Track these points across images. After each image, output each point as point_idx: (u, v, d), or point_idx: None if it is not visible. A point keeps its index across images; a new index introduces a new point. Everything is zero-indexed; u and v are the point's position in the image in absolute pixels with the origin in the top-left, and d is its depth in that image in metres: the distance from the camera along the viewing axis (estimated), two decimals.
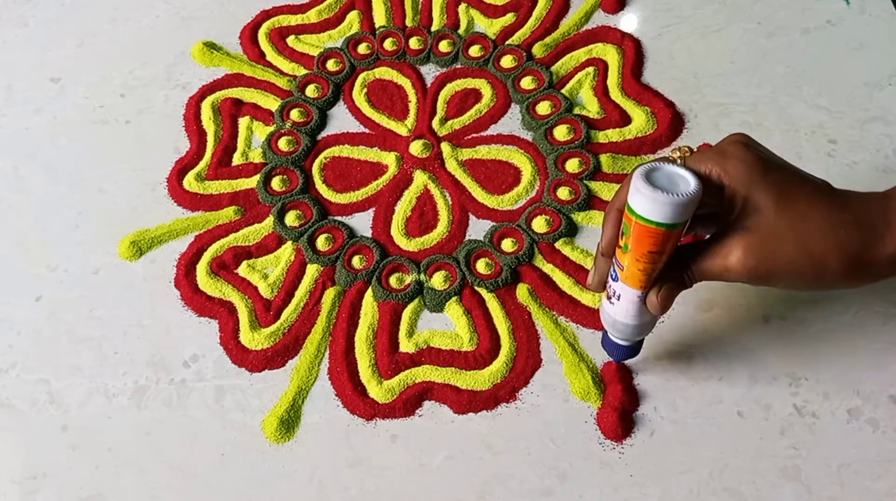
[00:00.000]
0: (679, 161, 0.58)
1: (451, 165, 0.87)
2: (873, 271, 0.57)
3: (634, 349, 0.68)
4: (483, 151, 0.88)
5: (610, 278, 0.62)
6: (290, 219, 0.83)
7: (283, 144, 0.88)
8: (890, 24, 0.95)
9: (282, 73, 0.96)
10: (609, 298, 0.63)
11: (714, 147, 0.59)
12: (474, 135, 0.90)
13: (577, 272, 0.78)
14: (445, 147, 0.88)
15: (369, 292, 0.78)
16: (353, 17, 1.01)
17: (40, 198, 0.86)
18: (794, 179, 0.57)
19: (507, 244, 0.80)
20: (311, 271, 0.80)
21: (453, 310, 0.77)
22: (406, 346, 0.75)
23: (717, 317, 0.76)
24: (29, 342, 0.77)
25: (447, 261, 0.80)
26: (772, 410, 0.71)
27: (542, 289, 0.77)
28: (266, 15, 1.02)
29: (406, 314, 0.77)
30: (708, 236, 0.60)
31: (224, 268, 0.80)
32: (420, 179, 0.86)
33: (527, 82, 0.93)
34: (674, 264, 0.60)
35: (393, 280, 0.79)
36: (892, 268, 0.57)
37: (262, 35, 1.00)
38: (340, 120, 0.92)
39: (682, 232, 0.56)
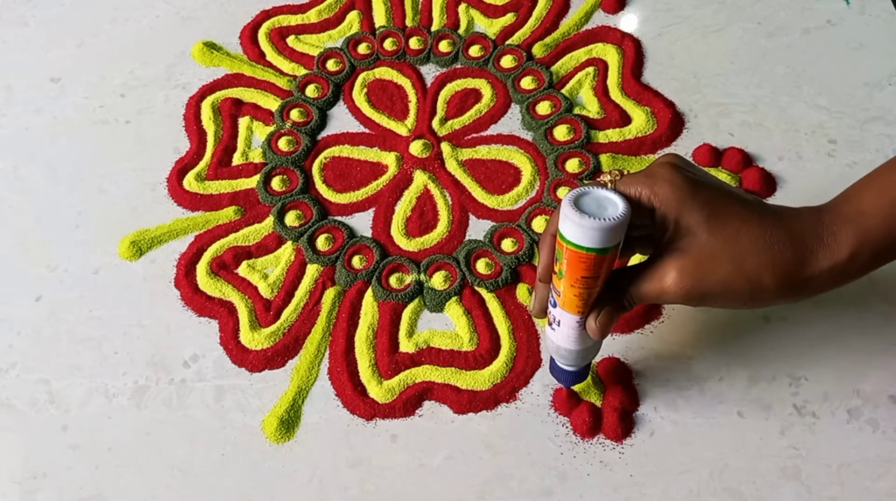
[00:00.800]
0: (610, 185, 0.57)
1: (451, 165, 0.87)
2: (809, 286, 0.57)
3: (581, 373, 0.67)
4: (483, 151, 0.88)
5: (549, 305, 0.62)
6: (290, 219, 0.83)
7: (283, 144, 0.88)
8: (890, 24, 0.95)
9: (282, 73, 0.96)
10: (550, 324, 0.62)
11: (644, 170, 0.58)
12: (474, 135, 0.90)
13: None
14: (445, 147, 0.88)
15: (369, 293, 0.78)
16: (353, 17, 1.01)
17: (40, 198, 0.86)
18: (723, 198, 0.57)
19: (507, 244, 0.80)
20: (311, 271, 0.80)
21: (453, 310, 0.77)
22: (406, 346, 0.75)
23: (717, 317, 0.75)
24: (29, 342, 0.77)
25: (447, 261, 0.80)
26: (772, 410, 0.71)
27: None
28: (266, 15, 1.02)
29: (406, 314, 0.77)
30: (647, 258, 0.60)
31: (224, 268, 0.80)
32: (420, 179, 0.86)
33: (527, 82, 0.93)
34: (612, 287, 0.60)
35: (393, 280, 0.79)
36: (827, 282, 0.57)
37: (262, 35, 1.00)
38: (340, 120, 0.92)
39: (615, 256, 0.56)
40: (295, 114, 0.91)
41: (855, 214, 0.57)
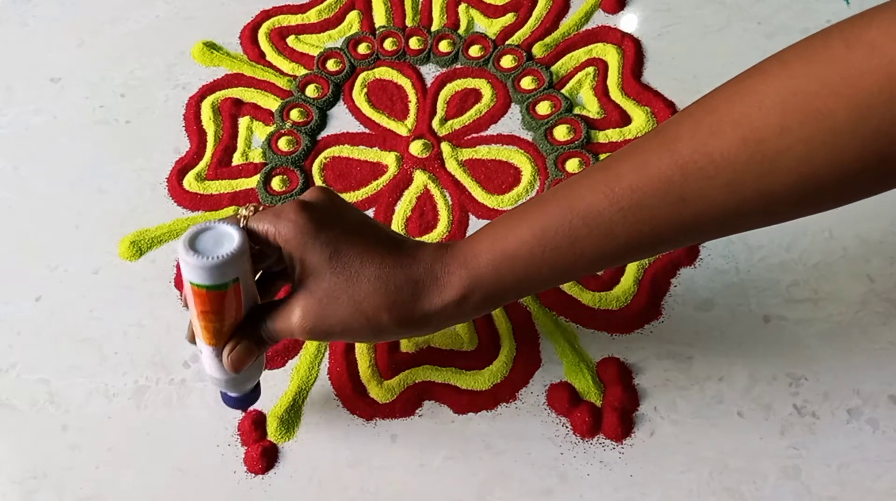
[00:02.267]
0: (242, 220, 0.58)
1: (451, 165, 0.87)
2: (427, 323, 0.59)
3: (248, 397, 0.66)
4: (483, 151, 0.88)
5: None
6: None
7: (283, 144, 0.88)
8: None
9: (282, 73, 0.96)
10: (201, 352, 0.62)
11: (273, 208, 0.59)
12: (474, 135, 0.90)
13: None
14: (445, 147, 0.88)
15: None
16: (353, 17, 1.01)
17: (40, 198, 0.86)
18: (348, 238, 0.58)
19: None
20: None
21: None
22: (406, 346, 0.75)
23: (717, 317, 0.76)
24: (29, 342, 0.77)
25: None
26: (772, 410, 0.71)
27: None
28: (266, 15, 1.02)
29: None
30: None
31: None
32: (420, 179, 0.86)
33: (527, 82, 0.93)
34: (252, 319, 0.60)
35: None
36: (443, 319, 0.60)
37: (262, 35, 1.00)
38: (340, 120, 0.92)
39: (237, 289, 0.57)
40: (295, 114, 0.91)
41: (470, 257, 0.58)
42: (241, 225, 0.57)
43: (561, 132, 0.87)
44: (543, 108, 0.90)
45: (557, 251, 0.56)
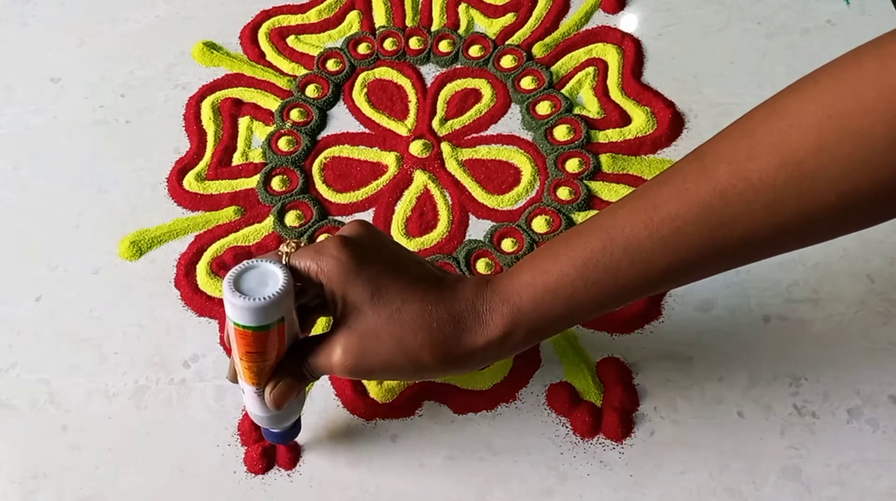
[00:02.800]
0: (284, 257, 0.58)
1: (451, 165, 0.87)
2: (468, 361, 0.59)
3: (290, 431, 0.66)
4: (483, 151, 0.88)
5: None
6: (291, 219, 0.83)
7: (283, 144, 0.88)
8: (890, 25, 0.94)
9: (282, 73, 0.96)
10: (243, 392, 0.62)
11: (316, 244, 0.59)
12: (474, 135, 0.90)
13: None
14: (445, 147, 0.88)
15: None
16: (353, 17, 1.01)
17: (40, 198, 0.86)
18: (389, 274, 0.58)
19: (507, 244, 0.80)
20: None
21: None
22: None
23: (717, 317, 0.76)
24: (29, 342, 0.77)
25: (447, 261, 0.80)
26: (772, 410, 0.71)
27: None
28: (266, 15, 1.02)
29: None
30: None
31: (224, 268, 0.80)
32: (420, 179, 0.86)
33: (527, 82, 0.93)
34: (294, 356, 0.60)
35: None
36: (486, 357, 0.59)
37: (262, 35, 1.00)
38: (340, 120, 0.92)
39: (282, 329, 0.57)
40: (295, 114, 0.91)
41: (512, 293, 0.58)
42: (284, 262, 0.57)
43: (561, 132, 0.87)
44: (543, 108, 0.90)
45: (599, 284, 0.56)
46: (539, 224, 0.81)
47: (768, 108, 0.52)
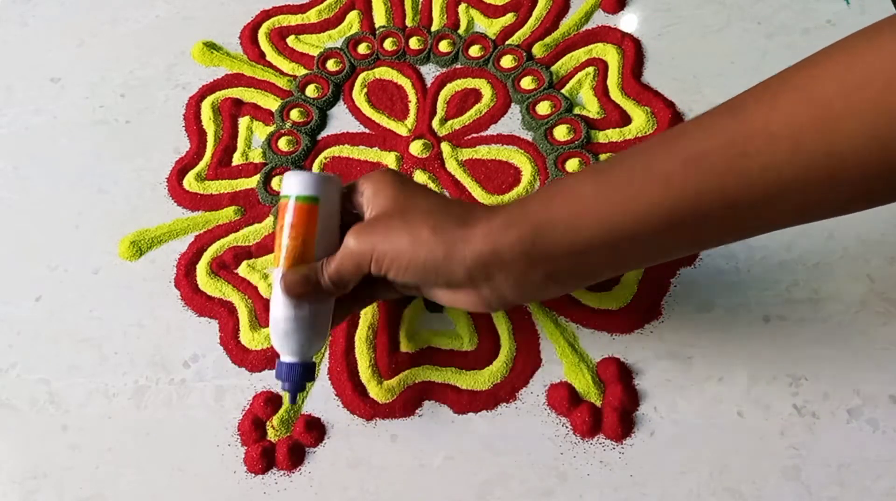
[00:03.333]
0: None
1: (451, 166, 0.87)
2: (466, 244, 0.58)
3: (300, 372, 0.65)
4: (483, 152, 0.88)
5: None
6: None
7: (283, 144, 0.88)
8: None
9: (282, 73, 0.96)
10: (273, 287, 0.66)
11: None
12: (474, 135, 0.90)
13: None
14: (445, 147, 0.88)
15: None
16: (353, 17, 1.01)
17: (40, 198, 0.87)
18: (413, 185, 0.64)
19: None
20: None
21: (453, 310, 0.77)
22: (406, 346, 0.75)
23: (717, 317, 0.75)
24: (29, 342, 0.77)
25: None
26: (772, 410, 0.71)
27: None
28: (266, 15, 1.01)
29: (406, 313, 0.77)
30: None
31: (224, 268, 0.80)
32: (420, 179, 0.86)
33: (527, 82, 0.92)
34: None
35: None
36: (486, 248, 0.58)
37: (262, 35, 1.00)
38: (340, 120, 0.92)
39: (318, 215, 0.63)
40: (295, 114, 0.91)
41: (522, 199, 0.60)
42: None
43: (561, 132, 0.87)
44: (543, 108, 0.90)
45: (611, 189, 0.56)
46: None
47: (800, 63, 0.53)
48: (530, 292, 0.60)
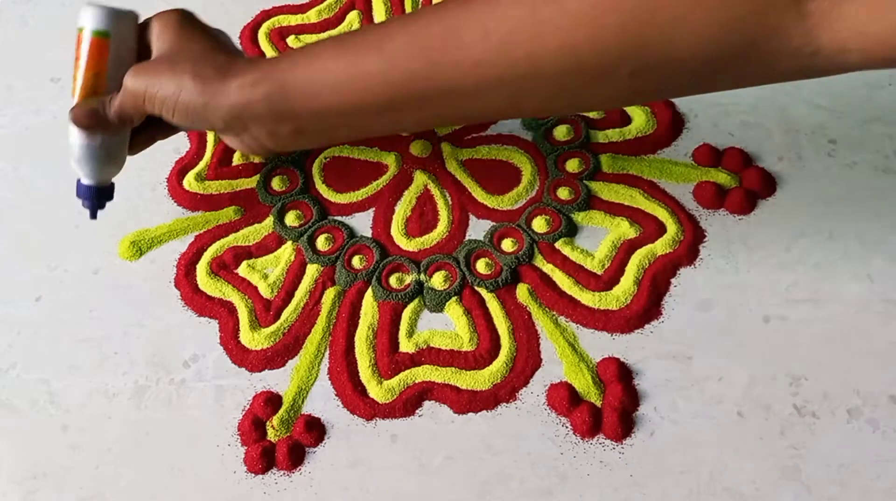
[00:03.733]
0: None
1: (452, 165, 0.87)
2: (215, 102, 0.62)
3: (96, 194, 0.73)
4: (483, 151, 0.88)
5: None
6: (290, 219, 0.83)
7: None
8: None
9: None
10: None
11: None
12: (474, 135, 0.90)
13: (577, 272, 0.78)
14: (445, 147, 0.88)
15: (369, 293, 0.78)
16: (353, 18, 1.00)
17: (40, 198, 0.87)
18: (196, 29, 0.67)
19: (507, 244, 0.80)
20: (311, 271, 0.80)
21: (453, 310, 0.77)
22: (406, 346, 0.75)
23: (716, 317, 0.75)
24: (29, 342, 0.77)
25: (447, 261, 0.80)
26: (772, 410, 0.70)
27: (542, 289, 0.77)
28: (266, 15, 1.01)
29: (406, 313, 0.77)
30: None
31: (224, 268, 0.80)
32: (420, 179, 0.86)
33: None
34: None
35: (393, 280, 0.79)
36: (231, 103, 0.62)
37: (262, 35, 0.99)
38: None
39: (110, 50, 0.66)
40: None
41: (282, 56, 0.64)
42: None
43: (561, 132, 0.87)
44: None
45: (346, 67, 0.60)
46: (539, 224, 0.81)
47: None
48: (283, 142, 0.65)
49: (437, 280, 0.78)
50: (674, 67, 0.54)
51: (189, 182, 0.86)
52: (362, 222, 0.84)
